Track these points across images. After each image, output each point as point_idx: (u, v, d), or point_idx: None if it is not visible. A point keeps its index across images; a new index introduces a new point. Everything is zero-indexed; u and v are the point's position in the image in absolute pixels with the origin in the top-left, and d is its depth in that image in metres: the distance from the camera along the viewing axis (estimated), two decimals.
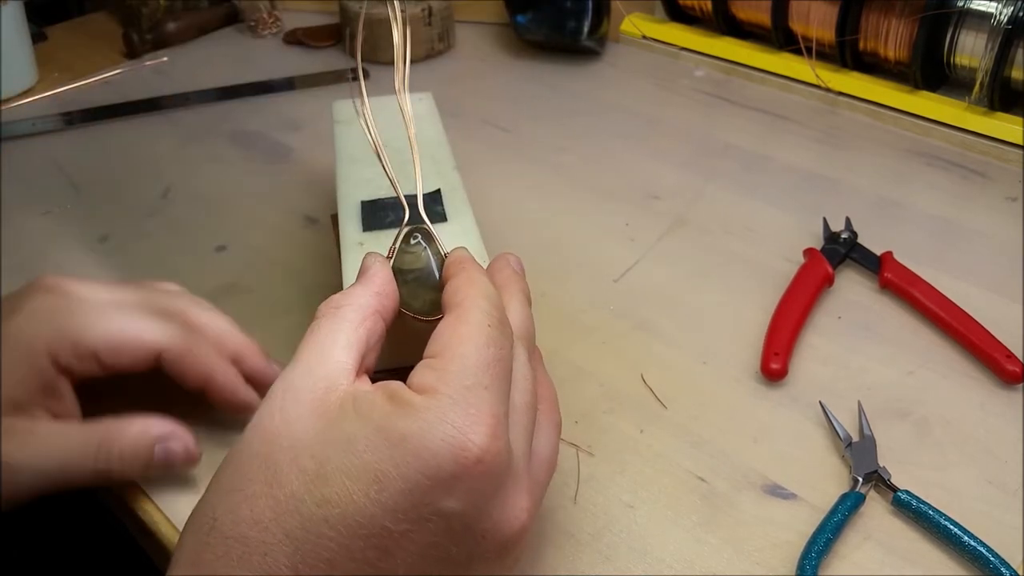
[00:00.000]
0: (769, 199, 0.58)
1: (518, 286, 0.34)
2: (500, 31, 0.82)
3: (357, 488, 0.25)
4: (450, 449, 0.26)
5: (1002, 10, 0.58)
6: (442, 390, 0.27)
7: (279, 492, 0.26)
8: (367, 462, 0.26)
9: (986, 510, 0.37)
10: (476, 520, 0.27)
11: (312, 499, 0.26)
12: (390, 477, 0.25)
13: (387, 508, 0.25)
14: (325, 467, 0.26)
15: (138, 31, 0.80)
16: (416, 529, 0.26)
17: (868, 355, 0.45)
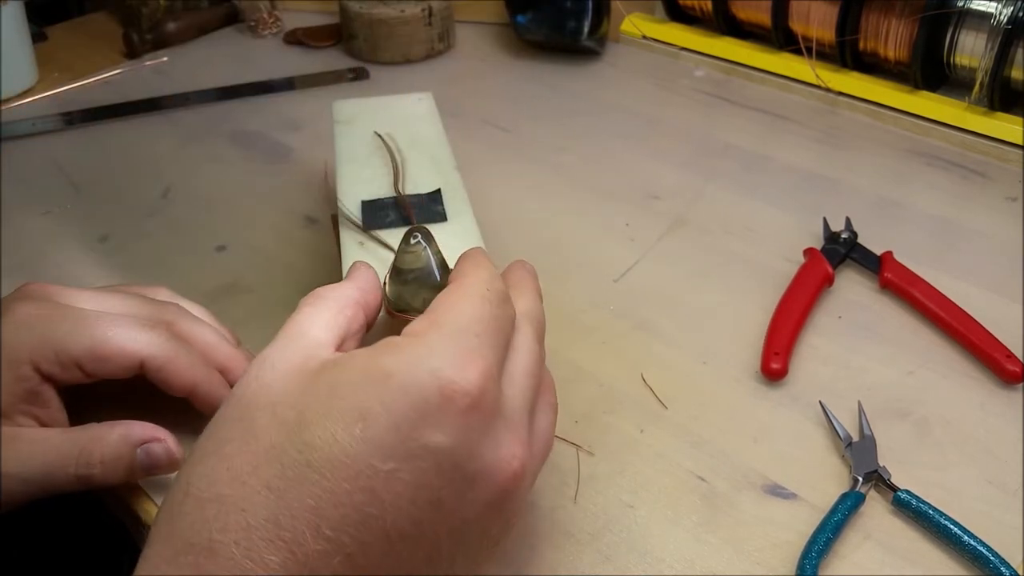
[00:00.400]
0: (769, 199, 0.58)
1: (531, 283, 0.34)
2: (500, 31, 0.82)
3: (340, 428, 0.25)
4: (437, 382, 0.25)
5: (1002, 10, 0.58)
6: (431, 332, 0.27)
7: (256, 445, 0.25)
8: (351, 402, 0.25)
9: (986, 510, 0.37)
10: (466, 459, 0.26)
11: (293, 446, 0.25)
12: (375, 413, 0.25)
13: (373, 445, 0.24)
14: (306, 414, 0.25)
15: (138, 31, 0.80)
16: (404, 467, 0.25)
17: (868, 355, 0.45)
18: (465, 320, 0.28)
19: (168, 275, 0.52)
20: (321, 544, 0.24)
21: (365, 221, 0.41)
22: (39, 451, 0.36)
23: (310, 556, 0.24)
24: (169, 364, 0.38)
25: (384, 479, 0.24)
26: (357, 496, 0.24)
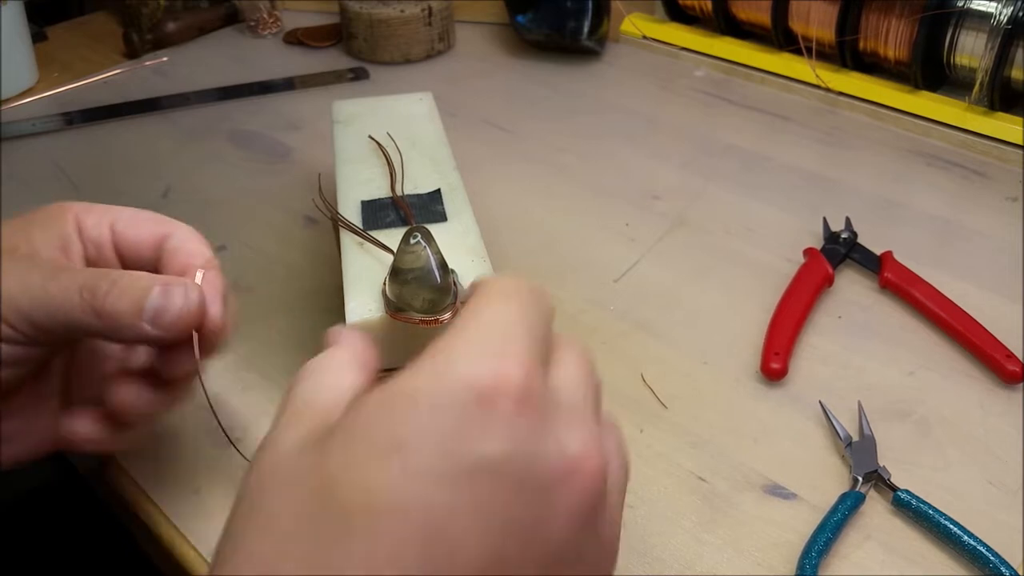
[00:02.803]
0: (769, 199, 0.58)
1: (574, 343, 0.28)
2: (500, 31, 0.82)
3: (375, 471, 0.20)
4: (472, 390, 0.21)
5: (1002, 10, 0.58)
6: (453, 339, 0.23)
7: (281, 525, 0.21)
8: (376, 440, 0.21)
9: (986, 510, 0.37)
10: (529, 465, 0.21)
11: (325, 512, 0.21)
12: (409, 442, 0.21)
13: (419, 477, 0.20)
14: (328, 471, 0.21)
15: (138, 31, 0.80)
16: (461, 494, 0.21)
17: (868, 355, 0.45)
18: (488, 321, 0.24)
19: None
20: None
21: (365, 221, 0.41)
22: (45, 271, 0.32)
23: None
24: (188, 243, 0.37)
25: (443, 513, 0.20)
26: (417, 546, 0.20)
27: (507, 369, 0.22)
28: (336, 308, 0.36)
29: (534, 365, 0.23)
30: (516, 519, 0.21)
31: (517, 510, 0.21)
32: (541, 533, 0.22)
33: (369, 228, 0.40)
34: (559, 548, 0.22)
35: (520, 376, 0.22)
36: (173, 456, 0.41)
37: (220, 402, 0.43)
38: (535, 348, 0.24)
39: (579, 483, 0.22)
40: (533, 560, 0.22)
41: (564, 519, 0.22)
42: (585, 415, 0.24)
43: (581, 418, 0.24)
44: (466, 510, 0.21)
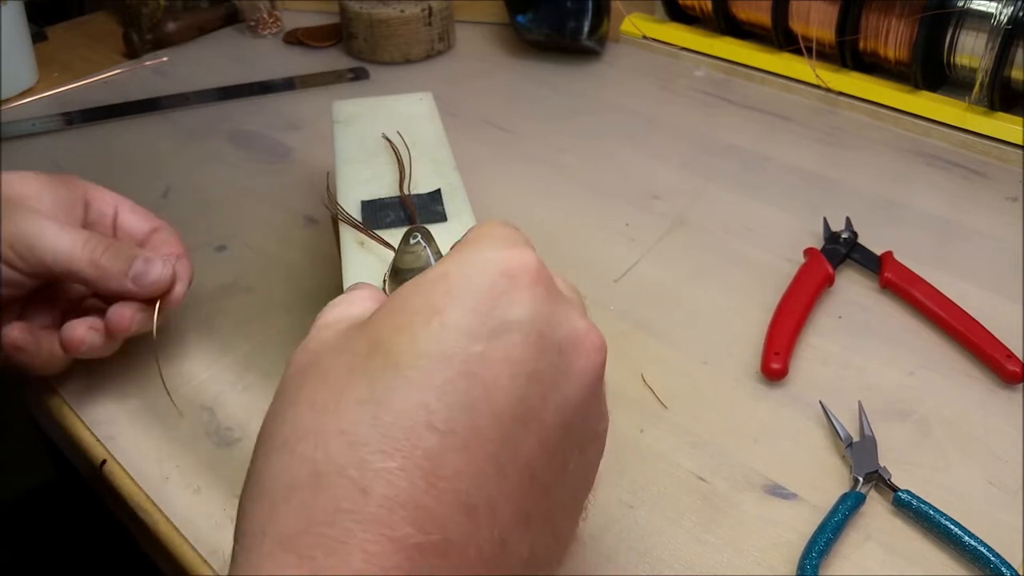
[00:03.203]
0: (769, 199, 0.58)
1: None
2: (500, 31, 0.82)
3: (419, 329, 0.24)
4: (496, 265, 0.25)
5: (1002, 10, 0.58)
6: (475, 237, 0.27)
7: (335, 376, 0.24)
8: (417, 306, 0.24)
9: (987, 510, 0.37)
10: (547, 327, 0.25)
11: (375, 362, 0.23)
12: (447, 305, 0.24)
13: (456, 330, 0.23)
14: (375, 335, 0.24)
15: (138, 31, 0.80)
16: (493, 345, 0.24)
17: (868, 355, 0.45)
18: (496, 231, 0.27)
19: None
20: (436, 438, 0.22)
21: (365, 221, 0.41)
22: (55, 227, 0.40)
23: (428, 454, 0.22)
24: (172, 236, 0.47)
25: (479, 360, 0.23)
26: (459, 383, 0.23)
27: (525, 251, 0.26)
28: None
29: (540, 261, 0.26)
30: (539, 371, 0.24)
31: (539, 364, 0.25)
32: (559, 387, 0.25)
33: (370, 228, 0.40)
34: (572, 405, 0.26)
35: (536, 259, 0.26)
36: (173, 456, 0.41)
37: (220, 402, 0.43)
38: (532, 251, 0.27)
39: (587, 350, 0.26)
40: (551, 409, 0.25)
41: (576, 378, 0.26)
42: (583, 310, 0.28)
43: (581, 309, 0.28)
44: (498, 359, 0.24)
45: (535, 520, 0.24)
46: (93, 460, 0.41)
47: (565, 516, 0.26)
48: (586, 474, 0.28)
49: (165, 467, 0.40)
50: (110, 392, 0.44)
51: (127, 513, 0.39)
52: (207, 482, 0.39)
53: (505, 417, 0.23)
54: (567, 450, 0.26)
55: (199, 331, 0.48)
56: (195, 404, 0.43)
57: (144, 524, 0.38)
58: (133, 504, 0.39)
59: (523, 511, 0.24)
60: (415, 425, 0.22)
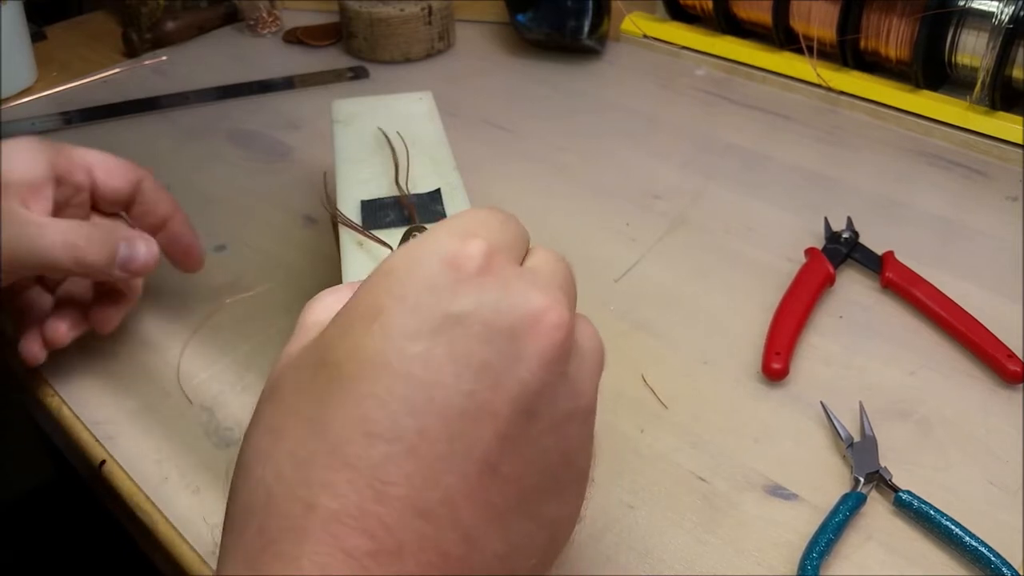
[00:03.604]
0: (770, 199, 0.58)
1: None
2: (500, 30, 0.82)
3: (360, 335, 0.24)
4: (439, 256, 0.24)
5: (1003, 9, 0.58)
6: (431, 229, 0.26)
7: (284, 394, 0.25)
8: (361, 308, 0.24)
9: (987, 510, 0.37)
10: (494, 315, 0.24)
11: (319, 375, 0.24)
12: (387, 305, 0.24)
13: (396, 333, 0.23)
14: (323, 343, 0.24)
15: (137, 30, 0.80)
16: (435, 341, 0.23)
17: (869, 355, 0.45)
18: (459, 219, 0.26)
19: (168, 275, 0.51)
20: (379, 447, 0.22)
21: (364, 221, 0.41)
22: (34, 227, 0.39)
23: (373, 464, 0.22)
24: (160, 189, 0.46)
25: (420, 361, 0.23)
26: (398, 387, 0.23)
27: (472, 242, 0.25)
28: None
29: (499, 244, 0.26)
30: (487, 363, 0.24)
31: (487, 354, 0.24)
32: (513, 374, 0.24)
33: (369, 228, 0.40)
34: (532, 389, 0.24)
35: (484, 247, 0.25)
36: (173, 456, 0.40)
37: (220, 402, 0.43)
38: (502, 239, 0.26)
39: (544, 330, 0.25)
40: (505, 399, 0.24)
41: (533, 361, 0.24)
42: (550, 283, 0.26)
43: (546, 284, 0.26)
44: (439, 357, 0.23)
45: (506, 512, 0.24)
46: (92, 460, 0.41)
47: (551, 499, 0.26)
48: (569, 456, 0.26)
49: (164, 467, 0.40)
50: (110, 392, 0.44)
51: (126, 513, 0.39)
52: (206, 482, 0.39)
53: (452, 415, 0.23)
54: (534, 436, 0.25)
55: (199, 331, 0.48)
56: (195, 404, 0.43)
57: (143, 524, 0.38)
58: (132, 504, 0.39)
59: (489, 505, 0.23)
60: (357, 437, 0.22)
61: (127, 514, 0.39)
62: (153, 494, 0.39)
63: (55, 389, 0.44)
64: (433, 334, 0.23)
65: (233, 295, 0.50)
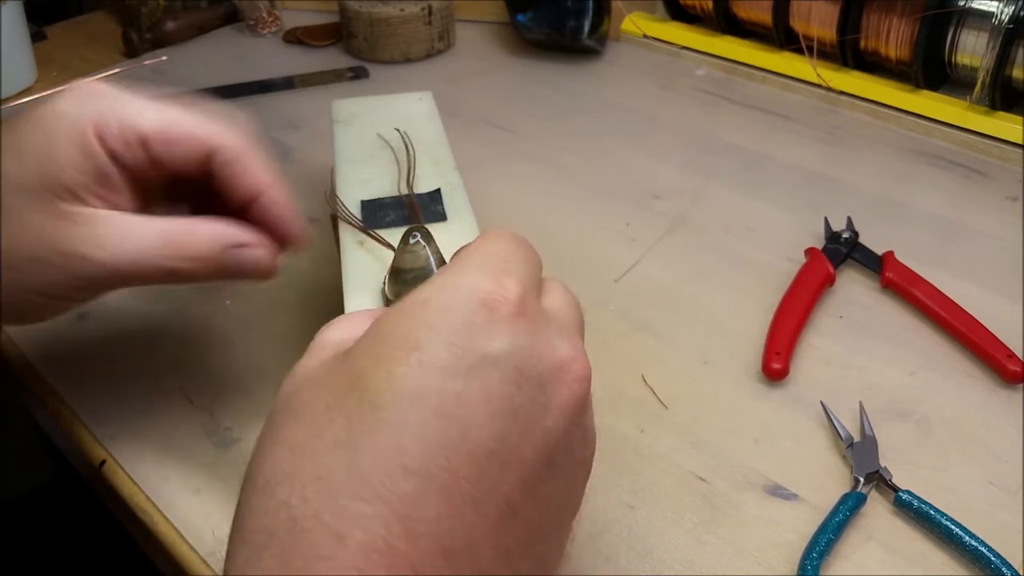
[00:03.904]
0: (770, 198, 0.58)
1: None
2: (500, 30, 0.82)
3: (396, 364, 0.23)
4: (476, 295, 0.24)
5: (1003, 9, 0.58)
6: (458, 262, 0.26)
7: (312, 416, 0.24)
8: (396, 338, 0.24)
9: (987, 510, 0.37)
10: (527, 361, 0.24)
11: (352, 399, 0.23)
12: (425, 339, 0.23)
13: (434, 368, 0.23)
14: (355, 369, 0.24)
15: (137, 30, 0.80)
16: (471, 382, 0.23)
17: (869, 355, 0.45)
18: (490, 252, 0.27)
19: None
20: (411, 482, 0.22)
21: (364, 221, 0.41)
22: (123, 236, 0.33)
23: (404, 499, 0.22)
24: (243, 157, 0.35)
25: (455, 399, 0.23)
26: (435, 423, 0.23)
27: (507, 282, 0.25)
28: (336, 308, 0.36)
29: (529, 285, 0.26)
30: (518, 407, 0.24)
31: (519, 399, 0.24)
32: (539, 422, 0.24)
33: (369, 228, 0.40)
34: (554, 438, 0.25)
35: (518, 288, 0.25)
36: (173, 456, 0.40)
37: (220, 402, 0.43)
38: (529, 275, 0.27)
39: (570, 381, 0.25)
40: (531, 445, 0.24)
41: (558, 411, 0.25)
42: (572, 331, 0.27)
43: (569, 331, 0.27)
44: (475, 397, 0.23)
45: (516, 553, 0.24)
46: (92, 460, 0.41)
47: (550, 542, 0.26)
48: (571, 500, 0.27)
49: (164, 467, 0.40)
50: (110, 392, 0.44)
51: (126, 513, 0.39)
52: (206, 482, 0.39)
53: (482, 456, 0.23)
54: (550, 482, 0.25)
55: (199, 331, 0.48)
56: (195, 404, 0.43)
57: (143, 524, 0.38)
58: (132, 504, 0.39)
59: (503, 546, 0.24)
60: (391, 469, 0.22)
61: (127, 514, 0.39)
62: (153, 494, 0.39)
63: (55, 389, 0.44)
64: (469, 372, 0.23)
65: (233, 295, 0.50)
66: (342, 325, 0.28)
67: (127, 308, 0.49)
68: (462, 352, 0.23)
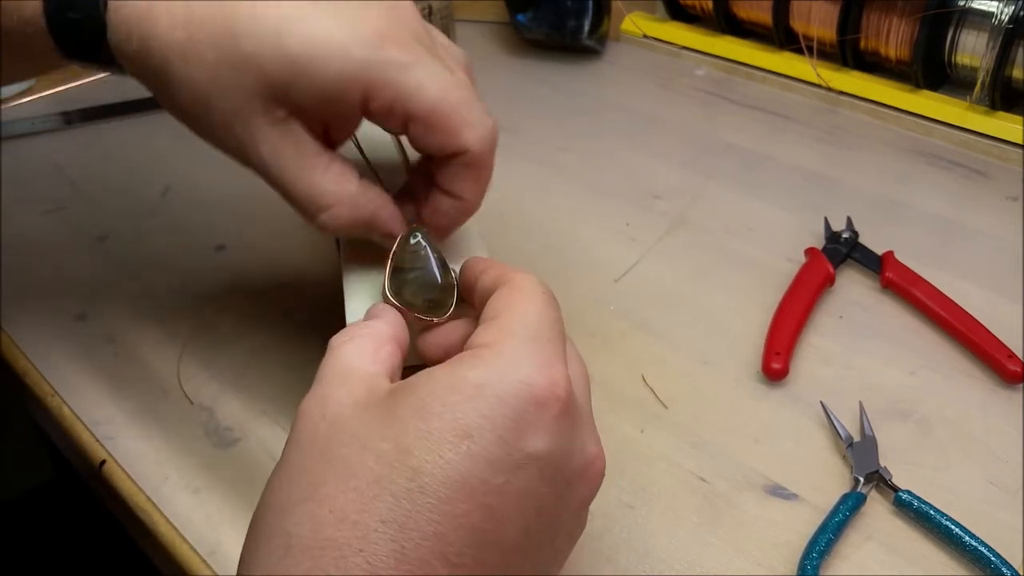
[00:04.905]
0: (770, 198, 0.58)
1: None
2: (500, 30, 0.82)
3: (447, 448, 0.24)
4: (530, 391, 0.25)
5: (1003, 9, 0.58)
6: (508, 340, 0.26)
7: (358, 482, 0.24)
8: (449, 420, 0.24)
9: (987, 510, 0.37)
10: (564, 462, 0.26)
11: (400, 475, 0.24)
12: (478, 427, 0.24)
13: (483, 460, 0.24)
14: (403, 440, 0.24)
15: None
16: (513, 478, 0.24)
17: (869, 355, 0.45)
18: (535, 324, 0.27)
19: (168, 275, 0.52)
20: (448, 570, 0.23)
21: None
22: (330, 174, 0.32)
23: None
24: (478, 165, 0.33)
25: (497, 493, 0.24)
26: (476, 515, 0.24)
27: (557, 377, 0.26)
28: (336, 308, 0.36)
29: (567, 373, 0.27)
30: (545, 504, 0.26)
31: (548, 497, 0.26)
32: (558, 516, 0.27)
33: None
34: (563, 527, 0.27)
35: (566, 385, 0.26)
36: (173, 456, 0.41)
37: (220, 402, 0.43)
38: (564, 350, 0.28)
39: (590, 480, 0.28)
40: (549, 535, 0.26)
41: (575, 506, 0.27)
42: (592, 421, 0.29)
43: (591, 421, 0.29)
44: (514, 493, 0.25)
45: None
46: (92, 460, 0.41)
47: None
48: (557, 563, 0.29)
49: (164, 467, 0.40)
50: (110, 392, 0.44)
51: (126, 513, 0.39)
52: (206, 482, 0.39)
53: (509, 549, 0.25)
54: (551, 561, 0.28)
55: (198, 331, 0.48)
56: (195, 404, 0.43)
57: (143, 524, 0.38)
58: (132, 504, 0.39)
59: None
60: (431, 556, 0.23)
61: (127, 514, 0.39)
62: (153, 494, 0.39)
63: (55, 389, 0.44)
64: (513, 469, 0.24)
65: (233, 295, 0.50)
66: (365, 349, 0.29)
67: (127, 308, 0.49)
68: (510, 448, 0.24)
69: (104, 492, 0.41)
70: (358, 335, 0.29)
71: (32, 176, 0.62)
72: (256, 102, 0.31)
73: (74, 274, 0.52)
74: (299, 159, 0.32)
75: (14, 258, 0.53)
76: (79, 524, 0.52)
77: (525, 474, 0.25)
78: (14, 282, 0.51)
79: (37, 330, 0.48)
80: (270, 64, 0.30)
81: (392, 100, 0.31)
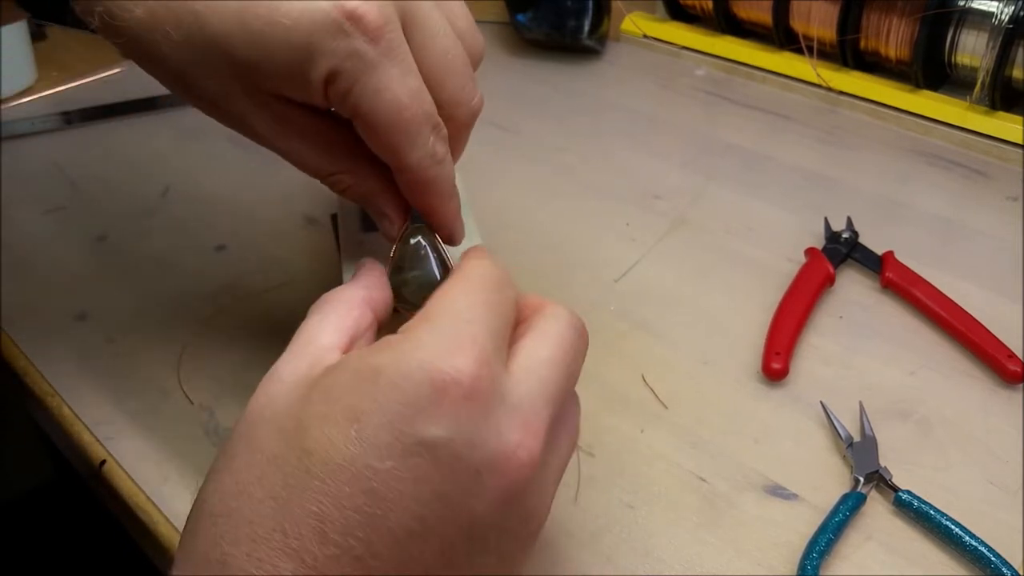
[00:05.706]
0: (770, 199, 0.58)
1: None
2: (500, 30, 0.82)
3: (336, 431, 0.24)
4: (427, 374, 0.25)
5: (1003, 9, 0.58)
6: (421, 325, 0.26)
7: (260, 456, 0.25)
8: (344, 404, 0.25)
9: (987, 510, 0.37)
10: (466, 450, 0.25)
11: (293, 454, 0.25)
12: (367, 413, 0.24)
13: (369, 445, 0.24)
14: (303, 420, 0.25)
15: None
16: (402, 464, 0.24)
17: (869, 355, 0.45)
18: (456, 308, 0.27)
19: (168, 275, 0.52)
20: (329, 549, 0.24)
21: (364, 221, 0.41)
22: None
23: (319, 562, 0.23)
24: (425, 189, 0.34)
25: (383, 478, 0.24)
26: (359, 498, 0.24)
27: (462, 363, 0.25)
28: None
29: (490, 361, 0.26)
30: (445, 493, 0.25)
31: (447, 486, 0.25)
32: (466, 507, 0.25)
33: (368, 228, 0.40)
34: (485, 521, 0.25)
35: (473, 370, 0.25)
36: (173, 456, 0.41)
37: (220, 402, 0.43)
38: (498, 336, 0.27)
39: (510, 469, 0.26)
40: (456, 526, 0.25)
41: (490, 497, 0.25)
42: (534, 410, 0.27)
43: (527, 414, 0.26)
44: (403, 479, 0.24)
45: None
46: (92, 460, 0.41)
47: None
48: (506, 565, 0.27)
49: (164, 467, 0.40)
50: (110, 392, 0.44)
51: (127, 513, 0.39)
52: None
53: (402, 535, 0.24)
54: (477, 555, 0.26)
55: (199, 331, 0.48)
56: (195, 404, 0.43)
57: (144, 524, 0.38)
58: (133, 504, 0.39)
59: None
60: (311, 533, 0.24)
61: (127, 514, 0.39)
62: (153, 494, 0.39)
63: (55, 389, 0.44)
64: (403, 455, 0.24)
65: (233, 295, 0.50)
66: (327, 319, 0.29)
67: (127, 308, 0.49)
68: (400, 434, 0.24)
69: (104, 492, 0.41)
70: (327, 302, 0.30)
71: (32, 176, 0.62)
72: (235, 84, 0.31)
73: (74, 274, 0.52)
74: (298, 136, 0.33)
75: (14, 258, 0.53)
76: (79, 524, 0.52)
77: (416, 461, 0.24)
78: (14, 282, 0.51)
79: (37, 330, 0.48)
80: (238, 46, 0.29)
81: (345, 92, 0.30)
